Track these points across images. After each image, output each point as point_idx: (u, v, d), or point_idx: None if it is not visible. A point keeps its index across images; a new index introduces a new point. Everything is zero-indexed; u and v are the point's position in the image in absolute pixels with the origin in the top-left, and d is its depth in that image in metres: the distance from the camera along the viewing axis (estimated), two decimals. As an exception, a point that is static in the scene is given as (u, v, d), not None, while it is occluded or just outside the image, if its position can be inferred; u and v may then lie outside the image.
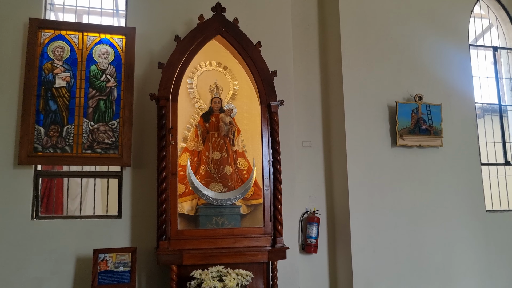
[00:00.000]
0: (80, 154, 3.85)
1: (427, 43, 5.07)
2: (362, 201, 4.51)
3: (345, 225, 4.50)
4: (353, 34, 4.80)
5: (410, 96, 4.83)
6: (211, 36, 3.94)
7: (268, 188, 3.81)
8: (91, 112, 3.94)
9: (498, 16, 5.72)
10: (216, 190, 3.91)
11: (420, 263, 4.58)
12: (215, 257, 3.48)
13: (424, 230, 4.66)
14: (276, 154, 3.84)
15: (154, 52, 4.29)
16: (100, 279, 3.46)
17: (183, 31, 4.28)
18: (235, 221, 3.86)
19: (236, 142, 4.11)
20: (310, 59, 5.02)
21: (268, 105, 3.92)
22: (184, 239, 3.55)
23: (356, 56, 4.77)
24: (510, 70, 5.69)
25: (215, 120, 4.10)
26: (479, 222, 4.90)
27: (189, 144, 4.05)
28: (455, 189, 4.87)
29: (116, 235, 3.93)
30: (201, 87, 4.26)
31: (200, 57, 4.12)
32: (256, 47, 4.01)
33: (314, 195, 4.79)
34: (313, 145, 4.87)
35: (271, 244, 3.74)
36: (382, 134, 4.73)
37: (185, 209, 3.88)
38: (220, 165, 4.02)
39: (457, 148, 4.95)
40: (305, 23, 5.06)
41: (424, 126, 4.74)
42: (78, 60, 3.98)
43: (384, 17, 4.96)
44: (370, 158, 4.63)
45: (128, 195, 4.03)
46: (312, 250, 4.54)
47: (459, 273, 4.69)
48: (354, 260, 4.38)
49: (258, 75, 3.96)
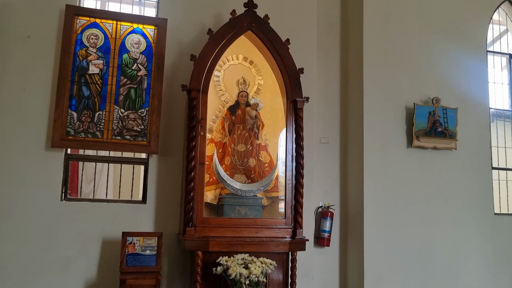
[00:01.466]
0: (110, 140, 3.97)
1: (446, 48, 5.18)
2: (376, 198, 4.65)
3: (359, 221, 4.65)
4: (375, 35, 4.90)
5: (427, 99, 4.95)
6: (242, 31, 4.04)
7: (290, 182, 3.94)
8: (122, 100, 4.05)
9: (515, 24, 5.84)
10: (240, 181, 4.05)
11: (429, 261, 4.74)
12: (239, 245, 3.62)
13: (434, 229, 4.81)
14: (299, 149, 3.96)
15: (183, 43, 4.40)
16: (128, 261, 3.60)
17: (212, 24, 4.39)
18: (257, 211, 4.00)
19: (260, 136, 4.24)
20: (331, 58, 5.13)
21: (294, 101, 4.04)
22: (209, 226, 3.69)
23: (377, 57, 4.88)
24: (524, 77, 5.81)
25: (241, 113, 4.22)
26: (487, 224, 5.06)
27: (214, 135, 4.18)
28: (466, 191, 5.02)
29: (140, 220, 4.07)
30: (227, 80, 4.38)
31: (228, 51, 4.21)
32: (284, 44, 4.12)
33: (329, 191, 4.93)
34: (330, 142, 5.00)
35: (291, 235, 3.88)
36: (399, 135, 4.86)
37: (209, 198, 4.02)
38: (244, 157, 4.15)
39: (470, 152, 5.09)
40: (328, 22, 5.16)
41: (440, 128, 4.87)
42: (111, 48, 4.08)
43: (405, 21, 5.06)
44: (386, 157, 4.77)
45: (153, 182, 4.17)
46: (325, 243, 4.69)
47: (466, 273, 4.86)
48: (366, 255, 4.53)
49: (286, 71, 4.07)
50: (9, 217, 3.80)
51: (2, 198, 3.80)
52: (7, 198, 3.81)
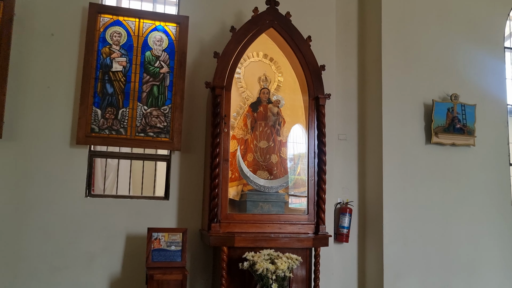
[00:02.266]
0: (133, 136, 4.01)
1: (464, 44, 5.18)
2: (395, 194, 4.67)
3: (378, 218, 4.67)
4: (393, 32, 4.91)
5: (446, 96, 4.96)
6: (264, 29, 4.06)
7: (313, 178, 3.97)
8: (145, 97, 4.09)
9: (533, 21, 5.82)
10: (263, 177, 4.08)
11: (448, 257, 4.76)
12: (264, 241, 3.65)
13: (453, 225, 4.83)
14: (322, 146, 3.99)
15: (204, 41, 4.43)
16: (153, 257, 3.64)
17: (233, 21, 4.41)
18: (279, 208, 4.03)
19: (281, 133, 4.26)
20: (349, 55, 5.15)
21: (316, 98, 4.06)
22: (234, 222, 3.72)
23: (395, 54, 4.88)
24: (541, 74, 5.81)
25: (263, 110, 4.25)
26: (505, 220, 5.07)
27: (236, 132, 4.21)
28: (484, 187, 5.03)
29: (164, 216, 4.11)
30: (248, 77, 4.40)
31: (248, 48, 4.22)
32: (306, 41, 4.14)
33: (347, 187, 4.96)
34: (348, 138, 5.02)
35: (314, 231, 3.91)
36: (417, 131, 4.87)
37: (231, 194, 4.05)
38: (266, 153, 4.18)
39: (488, 148, 5.10)
40: (345, 19, 5.18)
41: (458, 125, 4.88)
42: (134, 45, 4.12)
43: (423, 17, 5.06)
44: (404, 153, 4.78)
45: (175, 178, 4.20)
46: (344, 239, 4.72)
47: (485, 268, 4.87)
48: (386, 252, 4.55)
49: (308, 68, 4.09)
50: (36, 213, 3.85)
51: (28, 194, 3.85)
52: (34, 194, 3.86)
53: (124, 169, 4.85)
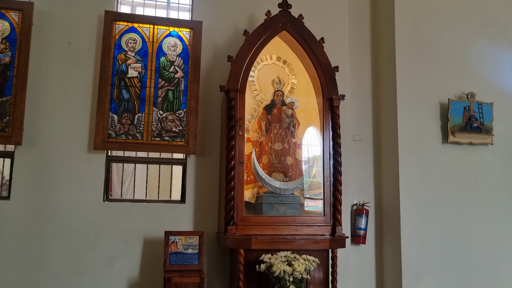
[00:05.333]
0: (150, 141, 4.06)
1: (479, 42, 5.12)
2: (412, 195, 4.63)
3: (395, 218, 4.63)
4: (407, 32, 4.88)
5: (462, 94, 4.90)
6: (277, 32, 4.08)
7: (328, 180, 3.96)
8: (160, 102, 4.14)
9: (550, 16, 5.71)
10: (278, 179, 4.09)
11: (468, 257, 4.69)
12: (280, 243, 3.66)
13: (472, 225, 4.76)
14: (337, 147, 3.98)
15: (217, 45, 4.47)
16: (171, 260, 3.68)
17: (245, 25, 4.44)
18: (295, 209, 4.03)
19: (296, 134, 4.27)
20: (362, 55, 5.13)
21: (330, 99, 4.06)
22: (250, 225, 3.74)
23: (409, 54, 4.85)
24: (560, 70, 5.68)
25: (277, 113, 4.26)
26: (526, 220, 4.98)
27: (251, 134, 4.23)
28: (503, 186, 4.95)
29: (180, 219, 4.15)
30: (261, 80, 4.43)
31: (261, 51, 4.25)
32: (319, 43, 4.14)
33: (363, 188, 4.93)
34: (363, 139, 5.00)
35: (330, 233, 3.90)
36: (434, 131, 4.82)
37: (247, 196, 4.07)
38: (281, 155, 4.19)
39: (506, 147, 5.02)
40: (358, 20, 5.16)
41: (475, 124, 4.81)
42: (149, 51, 4.18)
43: (437, 16, 5.01)
44: (421, 153, 4.73)
45: (191, 181, 4.24)
46: (361, 241, 4.69)
47: (506, 268, 4.79)
48: (404, 252, 4.50)
49: (321, 70, 4.09)
50: (55, 217, 3.93)
51: (48, 199, 3.93)
52: (53, 199, 3.94)
53: (140, 174, 4.92)
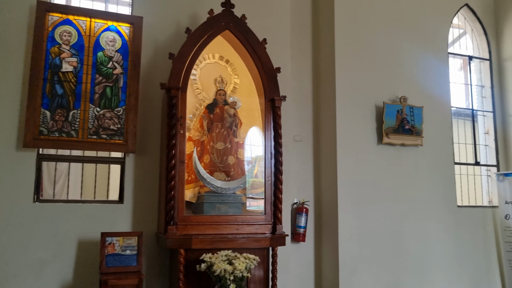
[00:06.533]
0: (85, 139, 3.89)
1: (412, 49, 5.44)
2: (349, 193, 4.81)
3: (333, 216, 4.78)
4: (346, 37, 5.07)
5: (395, 98, 5.18)
6: (220, 31, 4.07)
7: (270, 179, 4.01)
8: (97, 98, 3.98)
9: (473, 28, 6.20)
10: (220, 179, 4.07)
11: (400, 252, 4.96)
12: (221, 242, 3.65)
13: (404, 222, 5.04)
14: (278, 147, 4.04)
15: (159, 42, 4.37)
16: (108, 262, 3.54)
17: (188, 23, 4.39)
18: (237, 209, 4.04)
19: (238, 134, 4.28)
20: (303, 58, 5.25)
21: (272, 100, 4.11)
22: (191, 224, 3.69)
23: (348, 57, 5.04)
24: (481, 78, 6.18)
25: (219, 112, 4.25)
26: (451, 217, 5.35)
27: (192, 133, 4.18)
28: (431, 186, 5.29)
29: (118, 220, 4.01)
30: (204, 78, 4.39)
31: (204, 50, 4.21)
32: (262, 43, 4.18)
33: (303, 187, 5.05)
34: (303, 140, 5.11)
35: (271, 231, 3.95)
36: (369, 132, 5.05)
37: (188, 196, 4.02)
38: (223, 155, 4.18)
39: (434, 148, 5.37)
40: (300, 23, 5.28)
41: (407, 126, 5.10)
42: (85, 45, 4.00)
43: (374, 23, 5.26)
44: (357, 153, 4.94)
45: (130, 181, 4.11)
46: (300, 238, 4.80)
47: (433, 262, 5.12)
48: (341, 249, 4.67)
49: (263, 70, 4.14)
50: (-21, 221, 3.64)
51: (-29, 201, 3.64)
52: (-23, 200, 3.65)
53: (75, 173, 4.69)
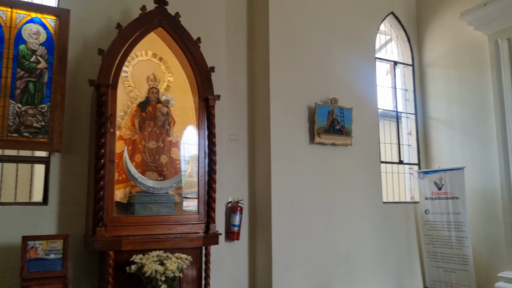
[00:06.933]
0: (5, 137, 3.63)
1: (343, 53, 5.69)
2: (283, 192, 4.94)
3: (267, 214, 4.88)
4: (280, 38, 5.19)
5: (327, 99, 5.39)
6: (152, 28, 4.00)
7: (203, 178, 4.01)
8: (18, 94, 3.73)
9: (398, 35, 6.60)
10: (152, 178, 4.00)
11: (331, 247, 5.17)
12: (153, 243, 3.58)
13: (334, 218, 5.26)
14: (212, 146, 4.05)
15: (88, 36, 4.20)
16: (30, 267, 3.33)
17: (119, 18, 4.26)
18: (169, 208, 3.99)
19: (171, 133, 4.23)
20: (238, 58, 5.30)
21: (206, 99, 4.11)
22: (121, 225, 3.59)
23: (282, 59, 5.17)
24: (405, 82, 6.61)
25: (152, 110, 4.17)
26: (377, 212, 5.67)
27: (123, 132, 4.07)
28: (360, 183, 5.57)
29: (42, 223, 3.80)
30: (136, 76, 4.29)
31: (137, 47, 4.12)
32: (196, 42, 4.17)
33: (238, 186, 5.09)
34: (238, 139, 5.16)
35: (204, 230, 3.95)
36: (302, 132, 5.22)
37: (118, 196, 3.90)
38: (156, 154, 4.10)
39: (362, 147, 5.66)
40: (235, 23, 5.32)
41: (337, 126, 5.33)
42: (5, 37, 3.73)
43: (308, 27, 5.44)
44: (291, 153, 5.08)
45: (55, 181, 3.91)
46: (235, 237, 4.84)
47: (360, 256, 5.39)
48: (274, 246, 4.78)
49: (197, 69, 4.12)
50: None
51: None
52: None
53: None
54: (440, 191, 5.70)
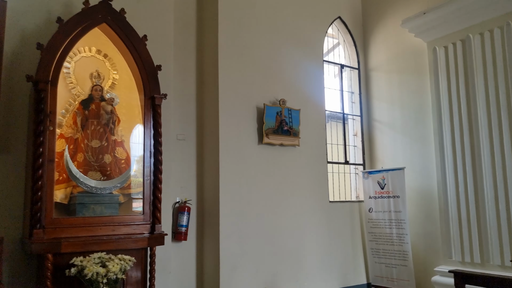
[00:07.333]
0: None
1: (291, 55, 5.80)
2: (231, 192, 4.96)
3: (215, 214, 4.88)
4: (229, 39, 5.21)
5: (275, 100, 5.47)
6: (96, 23, 3.88)
7: (149, 178, 3.95)
8: None
9: (345, 39, 6.82)
10: (95, 178, 3.88)
11: (278, 246, 5.25)
12: (95, 244, 3.48)
13: (282, 217, 5.35)
14: (158, 145, 4.00)
15: (26, 30, 4.00)
16: (-42, 273, 3.14)
17: (60, 12, 4.09)
18: (113, 209, 3.90)
19: (115, 132, 4.12)
20: (187, 57, 5.26)
21: (152, 98, 4.05)
22: (61, 227, 3.46)
23: (231, 59, 5.19)
24: (351, 85, 6.84)
25: (95, 108, 4.05)
26: (324, 211, 5.82)
27: (64, 130, 3.92)
28: (307, 183, 5.70)
29: (-27, 226, 3.58)
30: (79, 72, 4.14)
31: (80, 42, 3.99)
32: (142, 40, 4.09)
33: (186, 186, 5.05)
34: (187, 139, 5.12)
35: (150, 231, 3.89)
36: (251, 132, 5.26)
37: (58, 197, 3.75)
38: (99, 153, 3.99)
39: (310, 148, 5.80)
40: (184, 21, 5.27)
41: (286, 127, 5.43)
42: None
43: (256, 28, 5.50)
44: (239, 153, 5.11)
45: (-13, 182, 3.70)
46: (182, 237, 4.81)
47: (307, 254, 5.52)
48: (222, 246, 4.79)
49: (143, 67, 4.05)
50: None
51: None
52: None
53: None
54: (382, 190, 5.95)
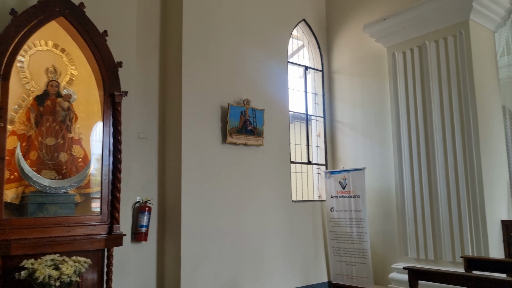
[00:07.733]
0: None
1: (256, 56, 5.81)
2: (193, 191, 4.91)
3: (176, 214, 4.82)
4: (193, 38, 5.16)
5: (240, 100, 5.46)
6: (53, 17, 3.74)
7: (107, 177, 3.85)
8: None
9: (309, 41, 6.90)
10: (49, 177, 3.73)
11: (241, 246, 5.24)
12: (48, 246, 3.35)
13: (245, 217, 5.35)
14: (117, 144, 3.90)
15: (-23, 21, 3.81)
16: None
17: (15, 4, 3.90)
18: (69, 209, 3.76)
19: (73, 129, 3.99)
20: (150, 55, 5.17)
21: (111, 95, 3.94)
22: (11, 228, 3.31)
23: (195, 58, 5.14)
24: (315, 86, 6.92)
25: (51, 104, 3.89)
26: (286, 211, 5.87)
27: (17, 127, 3.75)
28: (270, 183, 5.73)
29: None
30: (34, 67, 3.98)
31: (35, 36, 3.83)
32: (102, 35, 3.98)
33: (147, 186, 4.96)
34: (148, 137, 5.03)
35: (107, 231, 3.79)
36: (214, 132, 5.23)
37: (9, 197, 3.59)
38: (54, 151, 3.84)
39: (273, 148, 5.83)
40: (147, 20, 5.18)
41: (250, 127, 5.43)
42: None
43: (222, 27, 5.47)
44: (202, 152, 5.07)
45: None
46: (142, 238, 4.71)
47: (270, 253, 5.54)
48: (183, 246, 4.73)
49: (103, 63, 3.94)
50: None
51: None
52: None
53: None
54: (344, 190, 6.06)
